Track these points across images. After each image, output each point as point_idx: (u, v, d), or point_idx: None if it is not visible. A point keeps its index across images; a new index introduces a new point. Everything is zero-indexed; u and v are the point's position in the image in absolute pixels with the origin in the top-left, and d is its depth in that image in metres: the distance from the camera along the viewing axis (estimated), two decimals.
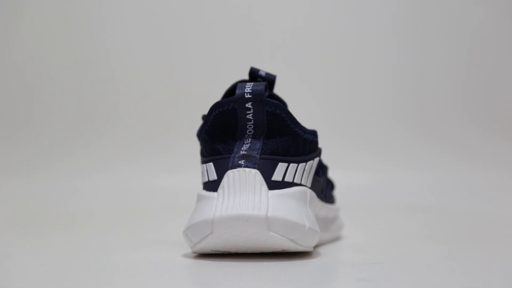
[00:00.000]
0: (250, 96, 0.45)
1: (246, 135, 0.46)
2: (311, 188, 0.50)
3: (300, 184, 0.47)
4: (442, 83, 1.09)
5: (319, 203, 0.53)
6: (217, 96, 0.56)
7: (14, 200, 0.87)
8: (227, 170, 0.45)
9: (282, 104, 0.46)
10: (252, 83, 0.46)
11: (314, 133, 0.50)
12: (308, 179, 0.48)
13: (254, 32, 1.10)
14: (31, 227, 0.68)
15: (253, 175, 0.44)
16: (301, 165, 0.47)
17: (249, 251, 0.45)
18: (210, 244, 0.44)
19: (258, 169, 0.44)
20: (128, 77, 1.05)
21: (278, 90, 0.66)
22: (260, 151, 0.45)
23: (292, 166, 0.46)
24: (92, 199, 0.87)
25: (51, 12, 1.05)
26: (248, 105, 0.45)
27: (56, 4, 1.05)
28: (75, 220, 0.75)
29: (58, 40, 1.06)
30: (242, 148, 0.45)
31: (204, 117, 0.49)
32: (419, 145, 1.06)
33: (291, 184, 0.46)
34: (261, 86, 0.46)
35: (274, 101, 0.46)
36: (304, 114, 1.07)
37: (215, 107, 0.46)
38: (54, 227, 0.69)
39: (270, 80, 0.52)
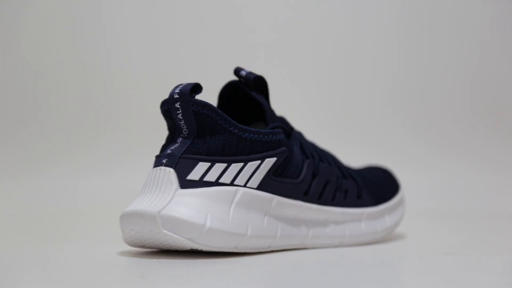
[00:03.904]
0: (178, 96, 0.46)
1: (181, 135, 0.47)
2: (267, 189, 0.49)
3: (229, 184, 0.46)
4: (445, 83, 1.04)
5: (295, 204, 0.51)
6: (214, 96, 0.57)
7: (13, 200, 0.90)
8: None
9: (209, 104, 0.47)
10: (184, 83, 0.47)
11: (265, 133, 0.49)
12: (249, 180, 0.48)
13: (252, 33, 1.07)
14: (30, 227, 0.69)
15: (166, 174, 0.45)
16: (235, 165, 0.47)
17: (164, 248, 0.46)
18: (127, 240, 0.46)
19: (176, 168, 0.45)
20: (129, 78, 1.06)
21: (279, 89, 0.64)
22: (184, 150, 0.46)
23: (219, 165, 0.46)
24: (92, 199, 0.88)
25: (51, 15, 1.08)
26: (177, 105, 0.46)
27: (56, 6, 1.08)
28: (73, 220, 0.76)
29: (59, 41, 1.08)
30: (171, 148, 0.47)
31: None
32: (421, 147, 1.00)
33: (213, 184, 0.46)
34: (188, 86, 0.46)
35: (201, 100, 0.46)
36: (310, 115, 1.01)
37: (160, 106, 0.48)
38: (51, 227, 0.69)
39: (248, 80, 0.52)
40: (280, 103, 0.61)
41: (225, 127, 0.47)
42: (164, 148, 0.48)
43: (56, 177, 0.98)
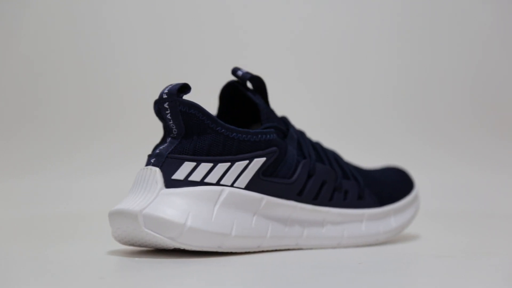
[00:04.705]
0: (166, 96, 0.47)
1: (171, 135, 0.47)
2: (256, 189, 0.49)
3: (215, 184, 0.47)
4: (446, 83, 1.05)
5: (288, 204, 0.51)
6: (214, 96, 0.57)
7: (13, 200, 0.89)
8: None
9: (196, 104, 0.47)
10: (173, 83, 0.47)
11: (253, 133, 0.48)
12: (237, 180, 0.47)
13: (254, 33, 1.06)
14: (29, 227, 0.69)
15: (152, 173, 0.46)
16: (221, 165, 0.47)
17: (149, 247, 0.46)
18: (117, 238, 0.47)
19: (162, 167, 0.46)
20: (128, 78, 1.05)
21: (281, 89, 0.63)
22: (171, 150, 0.46)
23: (204, 165, 0.46)
24: (91, 199, 0.88)
25: (51, 15, 1.07)
26: (166, 105, 0.47)
27: (56, 6, 1.07)
28: (70, 220, 0.76)
29: (59, 41, 1.07)
30: (160, 147, 0.47)
31: None
32: (421, 147, 1.00)
33: (198, 183, 0.46)
34: (176, 86, 0.47)
35: (187, 100, 0.46)
36: (314, 115, 0.99)
37: (153, 106, 0.48)
38: (50, 227, 0.69)
39: (244, 80, 0.52)
40: (286, 102, 0.60)
41: (212, 127, 0.47)
42: (156, 147, 0.49)
43: (55, 177, 0.97)
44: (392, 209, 0.58)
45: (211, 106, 0.59)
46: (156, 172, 0.45)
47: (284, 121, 0.54)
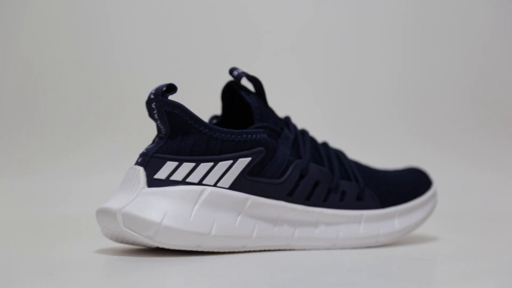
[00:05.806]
0: (153, 96, 0.47)
1: (160, 135, 0.47)
2: (241, 189, 0.48)
3: (197, 183, 0.46)
4: (445, 83, 1.05)
5: (276, 205, 0.50)
6: (215, 97, 0.57)
7: (13, 199, 0.89)
8: None
9: (180, 104, 0.47)
10: (161, 84, 0.47)
11: (238, 133, 0.48)
12: (220, 179, 0.47)
13: (258, 33, 1.06)
14: (29, 227, 0.69)
15: (136, 172, 0.46)
16: (204, 164, 0.47)
17: (133, 245, 0.47)
18: (106, 235, 0.47)
19: (146, 167, 0.46)
20: (129, 78, 1.04)
21: (282, 89, 0.62)
22: (156, 150, 0.46)
23: (187, 165, 0.46)
24: (89, 200, 0.86)
25: (50, 14, 1.06)
26: (153, 105, 0.47)
27: (56, 6, 1.06)
28: (69, 219, 0.75)
29: (59, 41, 1.06)
30: (147, 147, 0.47)
31: None
32: (421, 147, 1.00)
33: (179, 183, 0.46)
34: (161, 86, 0.47)
35: (172, 101, 0.46)
36: (316, 114, 0.99)
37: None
38: (49, 227, 0.69)
39: (239, 79, 0.52)
40: (287, 102, 0.59)
41: (195, 126, 0.47)
42: (146, 147, 0.49)
43: (55, 177, 0.97)
44: (396, 211, 0.56)
45: (212, 106, 0.59)
46: (139, 172, 0.46)
47: (285, 120, 0.53)
